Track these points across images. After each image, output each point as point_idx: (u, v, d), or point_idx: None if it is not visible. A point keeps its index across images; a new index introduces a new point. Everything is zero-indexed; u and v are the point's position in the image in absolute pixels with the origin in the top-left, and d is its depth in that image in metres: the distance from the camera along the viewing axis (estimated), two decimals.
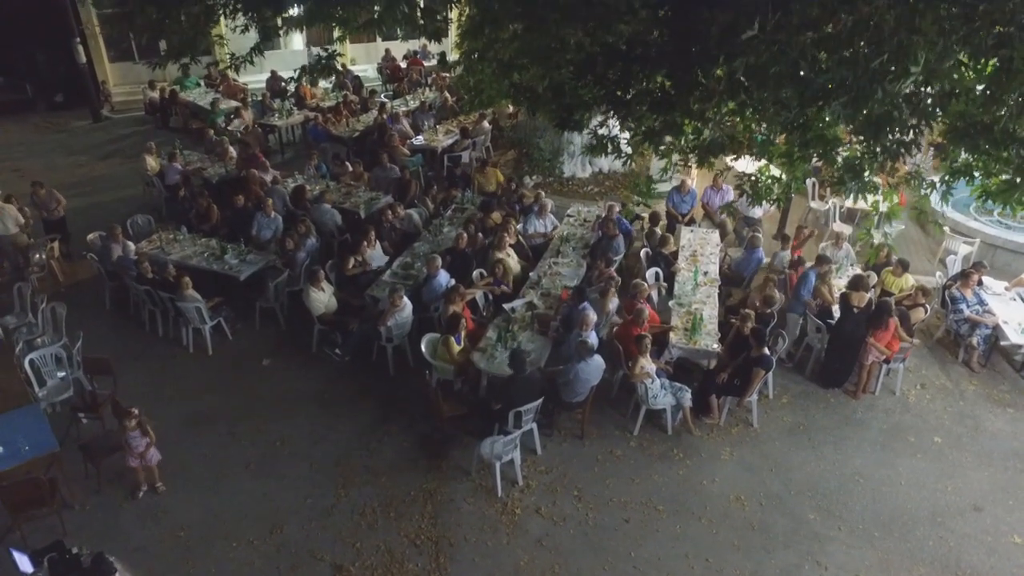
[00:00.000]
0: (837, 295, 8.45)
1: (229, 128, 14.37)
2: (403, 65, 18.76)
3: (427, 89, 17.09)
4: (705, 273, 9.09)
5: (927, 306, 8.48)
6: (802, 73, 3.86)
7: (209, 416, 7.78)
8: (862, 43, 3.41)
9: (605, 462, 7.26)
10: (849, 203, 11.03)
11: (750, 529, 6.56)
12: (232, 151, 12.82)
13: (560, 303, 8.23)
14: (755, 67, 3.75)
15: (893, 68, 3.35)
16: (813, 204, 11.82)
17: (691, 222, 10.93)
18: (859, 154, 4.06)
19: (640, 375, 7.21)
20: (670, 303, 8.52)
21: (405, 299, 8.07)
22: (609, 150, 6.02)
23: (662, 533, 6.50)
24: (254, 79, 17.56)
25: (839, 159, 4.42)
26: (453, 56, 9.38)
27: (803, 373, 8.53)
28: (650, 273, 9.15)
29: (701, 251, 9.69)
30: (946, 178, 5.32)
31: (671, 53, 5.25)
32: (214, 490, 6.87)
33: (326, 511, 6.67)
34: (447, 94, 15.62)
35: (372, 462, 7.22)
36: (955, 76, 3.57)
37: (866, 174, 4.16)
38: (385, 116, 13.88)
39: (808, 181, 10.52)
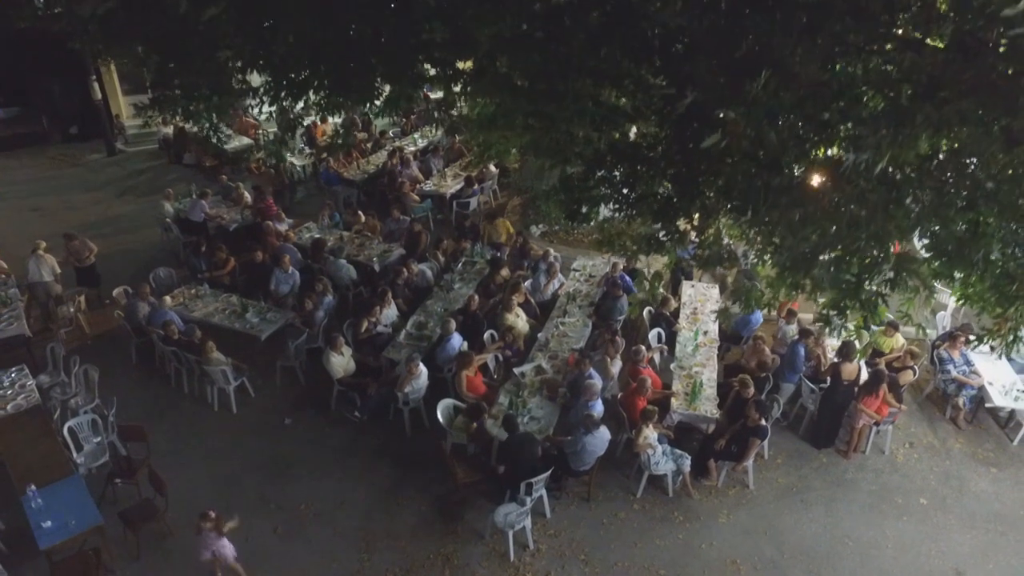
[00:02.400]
0: (832, 355, 8.90)
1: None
2: None
3: (436, 125, 17.42)
4: (705, 333, 9.54)
5: (915, 368, 8.93)
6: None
7: (238, 477, 8.24)
8: (845, 217, 3.83)
9: (610, 525, 7.72)
10: None
11: None
12: (247, 196, 13.24)
13: (567, 367, 8.69)
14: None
15: (870, 254, 3.79)
16: None
17: (690, 275, 11.35)
18: (840, 294, 4.48)
19: (643, 446, 7.67)
20: (671, 365, 8.96)
21: (421, 366, 8.52)
22: (615, 248, 6.45)
23: None
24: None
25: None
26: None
27: (797, 432, 8.98)
28: (652, 334, 9.60)
29: (701, 308, 10.13)
30: (927, 280, 5.74)
31: (675, 155, 5.66)
32: (246, 555, 7.27)
33: None
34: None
35: (392, 525, 7.69)
36: (923, 270, 3.99)
37: (849, 314, 4.60)
38: (394, 162, 14.27)
39: None
